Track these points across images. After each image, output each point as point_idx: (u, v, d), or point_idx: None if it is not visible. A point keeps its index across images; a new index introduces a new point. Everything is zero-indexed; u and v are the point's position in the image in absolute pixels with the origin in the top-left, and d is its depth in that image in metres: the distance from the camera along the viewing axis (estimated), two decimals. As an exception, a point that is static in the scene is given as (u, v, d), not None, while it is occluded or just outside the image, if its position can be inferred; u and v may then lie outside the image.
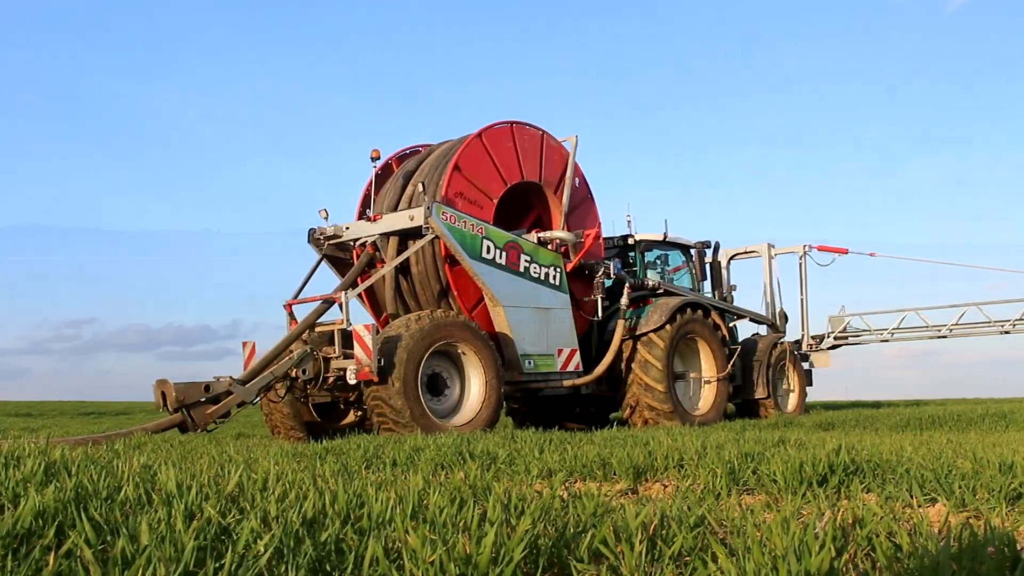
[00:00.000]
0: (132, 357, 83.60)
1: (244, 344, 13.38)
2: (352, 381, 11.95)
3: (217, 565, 2.69)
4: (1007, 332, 21.08)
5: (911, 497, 4.37)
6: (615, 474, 5.70)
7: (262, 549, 2.82)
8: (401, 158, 15.44)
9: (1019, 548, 2.59)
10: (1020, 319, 20.88)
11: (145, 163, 72.07)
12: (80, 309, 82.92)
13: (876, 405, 24.91)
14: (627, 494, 5.23)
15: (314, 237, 14.47)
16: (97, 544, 2.94)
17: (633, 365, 15.15)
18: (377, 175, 14.77)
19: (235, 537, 2.96)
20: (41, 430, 16.05)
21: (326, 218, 14.46)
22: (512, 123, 14.42)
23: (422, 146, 15.58)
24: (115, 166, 71.43)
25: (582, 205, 15.54)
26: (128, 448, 8.45)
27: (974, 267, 24.91)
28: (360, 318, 13.12)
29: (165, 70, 70.58)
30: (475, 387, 12.96)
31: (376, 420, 12.01)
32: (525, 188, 14.79)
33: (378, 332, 12.09)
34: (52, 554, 2.67)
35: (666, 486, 5.44)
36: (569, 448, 7.00)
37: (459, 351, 12.83)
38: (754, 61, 72.07)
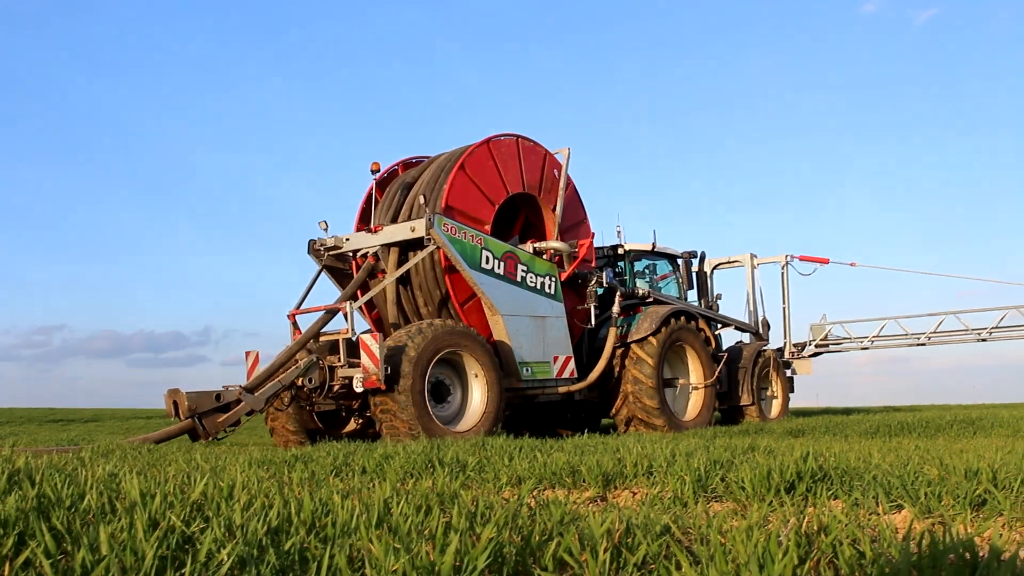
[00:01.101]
0: (101, 364, 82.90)
1: (248, 353, 13.54)
2: (359, 389, 12.17)
3: (178, 575, 2.66)
4: (983, 340, 21.57)
5: (876, 504, 4.39)
6: (584, 481, 5.70)
7: (225, 558, 2.79)
8: (398, 170, 15.70)
9: (980, 555, 2.60)
10: (996, 327, 21.48)
11: (117, 170, 71.53)
12: (50, 315, 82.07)
13: (847, 412, 25.04)
14: (596, 501, 5.23)
15: (314, 248, 14.76)
16: (57, 554, 2.90)
17: (624, 372, 15.48)
18: (375, 187, 15.05)
19: (198, 546, 2.93)
20: (7, 437, 15.87)
21: (326, 230, 14.70)
22: (488, 142, 14.54)
23: (420, 157, 15.84)
24: (86, 173, 70.86)
25: (574, 215, 15.89)
26: (95, 456, 8.37)
27: (950, 276, 25.82)
28: (357, 327, 13.38)
29: (137, 75, 70.12)
30: (477, 394, 13.29)
31: (383, 428, 12.20)
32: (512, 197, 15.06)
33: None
34: (7, 564, 2.64)
35: (635, 493, 5.44)
36: (539, 455, 6.99)
37: (462, 359, 13.13)
38: (730, 73, 72.40)
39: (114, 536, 3.00)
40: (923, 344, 22.38)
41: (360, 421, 14.28)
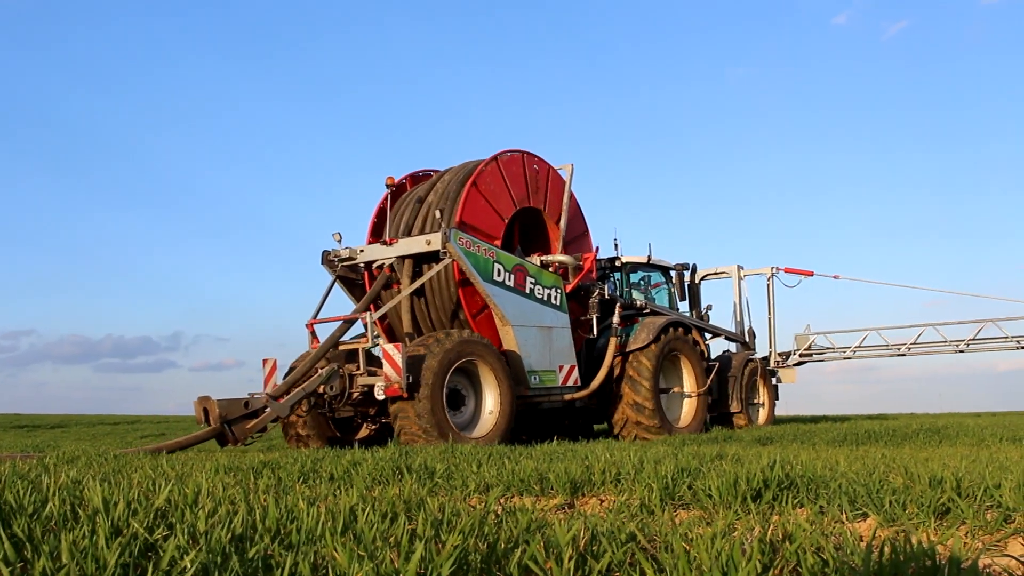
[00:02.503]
0: (69, 369, 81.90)
1: (264, 361, 13.96)
2: (380, 397, 12.64)
3: (139, 582, 2.64)
4: (961, 351, 22.54)
5: (841, 512, 4.42)
6: (552, 489, 5.70)
7: (188, 565, 2.77)
8: (411, 182, 16.24)
9: (941, 563, 2.63)
10: (973, 339, 22.53)
11: (86, 174, 70.83)
12: (17, 320, 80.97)
13: (815, 420, 25.22)
14: (563, 509, 5.23)
15: (328, 259, 15.27)
16: (17, 561, 2.88)
17: (623, 380, 16.15)
18: (385, 199, 15.60)
19: (161, 554, 2.91)
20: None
21: (339, 241, 15.17)
22: (475, 179, 14.74)
23: (428, 171, 16.41)
24: (56, 176, 70.15)
25: (576, 229, 16.58)
26: (59, 462, 8.29)
27: (931, 290, 27.36)
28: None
29: (112, 80, 69.56)
30: (490, 402, 13.83)
31: (402, 434, 12.70)
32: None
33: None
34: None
35: (603, 501, 5.45)
36: (507, 462, 6.98)
37: (477, 368, 13.65)
38: (706, 82, 72.57)
39: (75, 544, 2.97)
40: (903, 355, 23.32)
41: (373, 428, 14.82)
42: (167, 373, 77.44)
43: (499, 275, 14.20)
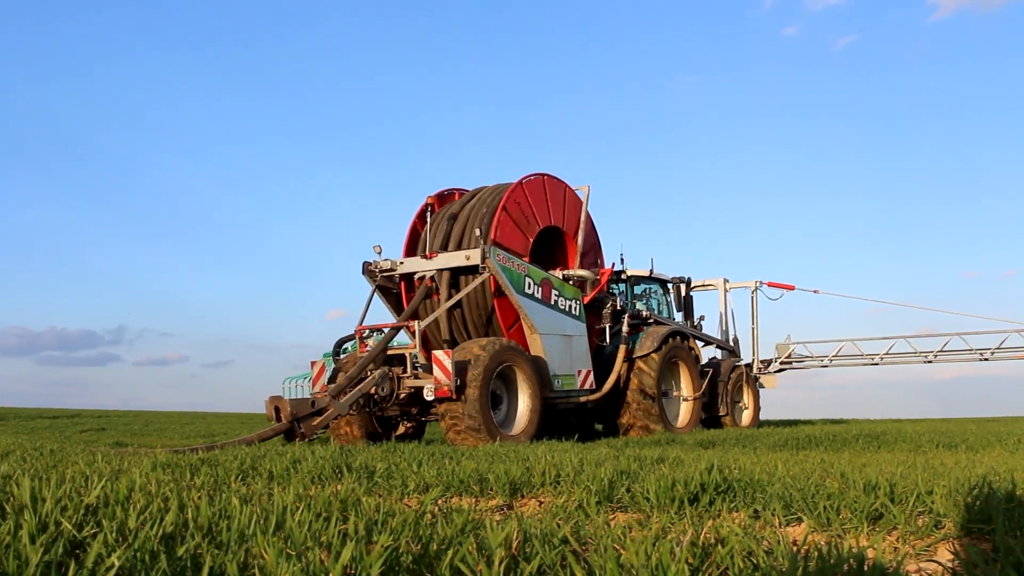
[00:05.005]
0: (10, 362, 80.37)
1: (313, 363, 15.38)
2: (430, 398, 13.79)
3: (62, 580, 2.59)
4: (929, 362, 24.49)
5: (774, 517, 4.46)
6: (492, 490, 5.69)
7: (115, 562, 2.73)
8: (439, 201, 17.32)
9: (867, 567, 2.66)
10: (940, 351, 24.18)
11: (32, 165, 69.57)
12: (-45, 310, 79.06)
13: (759, 424, 25.52)
14: (502, 510, 5.23)
15: (369, 270, 16.45)
16: (-64, 558, 2.81)
17: (629, 383, 17.52)
18: (419, 216, 16.89)
19: (88, 551, 2.86)
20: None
21: (379, 253, 16.43)
22: (507, 200, 15.76)
23: (459, 190, 17.58)
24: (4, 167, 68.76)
25: (591, 246, 17.84)
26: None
27: (901, 305, 29.49)
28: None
29: (51, 68, 68.36)
30: (523, 403, 15.07)
31: (451, 432, 13.84)
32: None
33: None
34: None
35: (541, 503, 5.45)
36: (447, 463, 6.97)
37: (514, 372, 14.91)
38: (656, 91, 72.83)
39: (-2, 540, 2.92)
40: (876, 364, 25.13)
41: (410, 425, 16.08)
42: (110, 367, 76.43)
43: (529, 288, 15.46)
